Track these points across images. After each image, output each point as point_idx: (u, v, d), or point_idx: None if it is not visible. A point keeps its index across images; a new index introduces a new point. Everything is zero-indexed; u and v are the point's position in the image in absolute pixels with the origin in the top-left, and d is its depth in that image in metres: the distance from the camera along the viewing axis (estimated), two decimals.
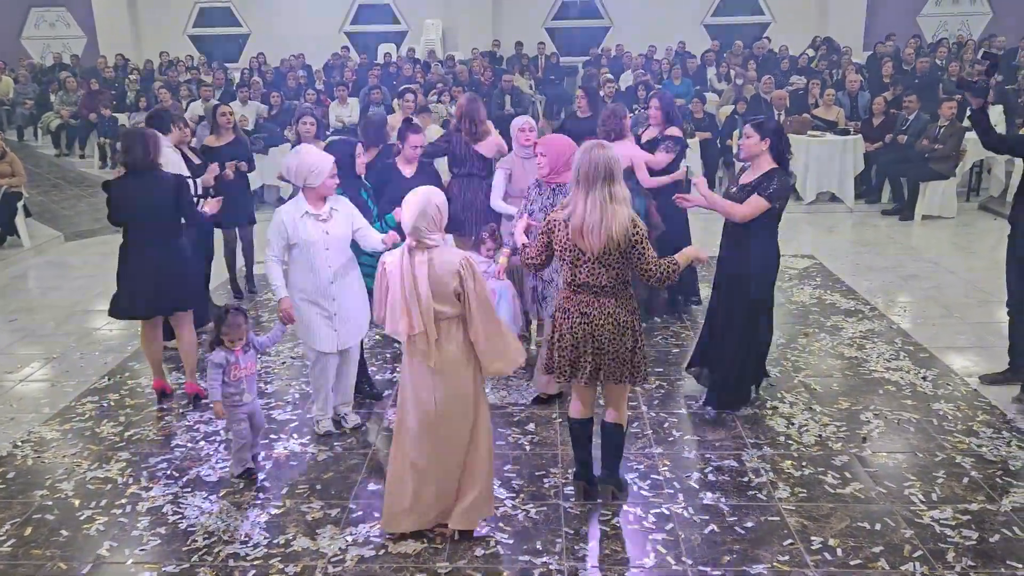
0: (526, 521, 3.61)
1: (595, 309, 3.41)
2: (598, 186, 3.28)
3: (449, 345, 3.28)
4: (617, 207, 3.28)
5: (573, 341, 3.46)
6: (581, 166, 3.32)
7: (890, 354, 5.39)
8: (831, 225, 9.28)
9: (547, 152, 4.48)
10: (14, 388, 5.28)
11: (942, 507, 3.65)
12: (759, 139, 4.26)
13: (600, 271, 3.35)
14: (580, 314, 3.43)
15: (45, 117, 13.84)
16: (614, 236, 3.27)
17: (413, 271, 3.21)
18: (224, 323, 3.89)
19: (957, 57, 13.38)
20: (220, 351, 3.91)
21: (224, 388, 3.91)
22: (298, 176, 4.07)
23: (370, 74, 13.20)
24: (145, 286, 4.66)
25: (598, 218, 3.26)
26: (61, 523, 3.70)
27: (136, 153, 4.56)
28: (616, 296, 3.42)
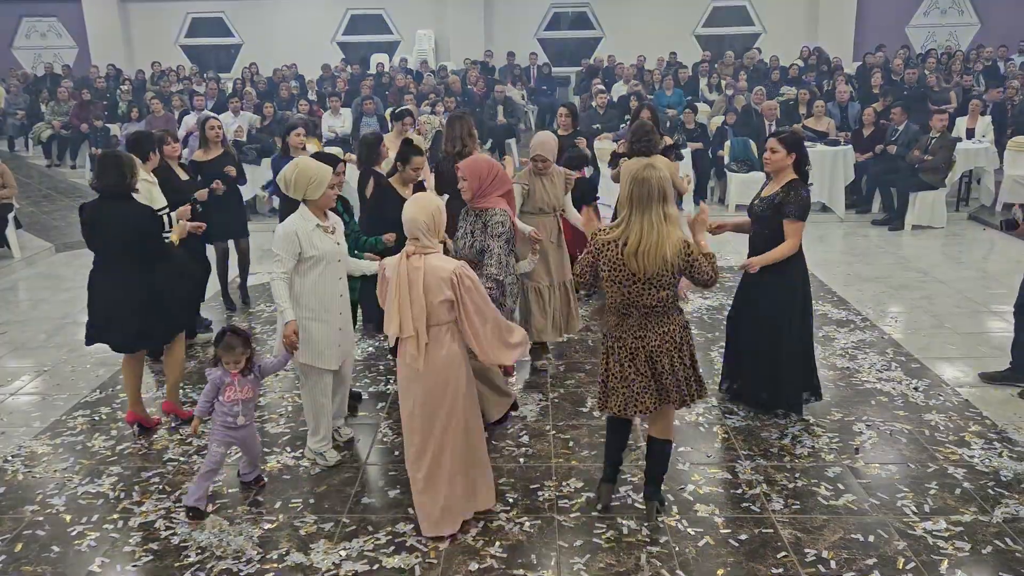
0: (520, 535, 3.60)
1: (649, 331, 3.38)
2: (652, 207, 3.25)
3: (439, 351, 3.35)
4: (671, 228, 3.27)
5: (634, 370, 3.41)
6: (634, 187, 3.27)
7: (882, 364, 5.42)
8: (822, 235, 9.33)
9: (468, 176, 4.26)
10: (4, 402, 5.25)
11: (935, 518, 3.66)
12: (785, 154, 4.30)
13: (653, 292, 3.31)
14: (635, 338, 3.40)
15: (36, 128, 13.81)
16: (669, 258, 3.25)
17: (408, 276, 3.28)
18: (220, 344, 3.80)
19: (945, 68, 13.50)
20: (218, 370, 3.81)
21: (217, 407, 3.81)
22: (297, 188, 3.97)
23: (363, 84, 13.22)
24: (121, 316, 4.38)
25: (655, 240, 3.23)
26: (52, 539, 3.67)
27: (110, 178, 4.33)
28: (668, 315, 3.40)
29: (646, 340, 3.39)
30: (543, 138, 5.32)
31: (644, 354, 3.40)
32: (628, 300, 3.35)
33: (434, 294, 3.29)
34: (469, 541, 3.55)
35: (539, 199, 5.27)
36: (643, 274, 3.28)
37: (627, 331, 3.41)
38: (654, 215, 3.25)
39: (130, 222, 4.33)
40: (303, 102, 12.37)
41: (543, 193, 5.27)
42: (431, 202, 3.42)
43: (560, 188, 5.35)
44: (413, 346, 3.32)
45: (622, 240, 3.31)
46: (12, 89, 15.20)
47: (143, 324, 4.42)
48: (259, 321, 6.66)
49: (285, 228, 3.95)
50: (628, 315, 3.40)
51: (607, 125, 11.52)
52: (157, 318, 4.48)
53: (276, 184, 6.78)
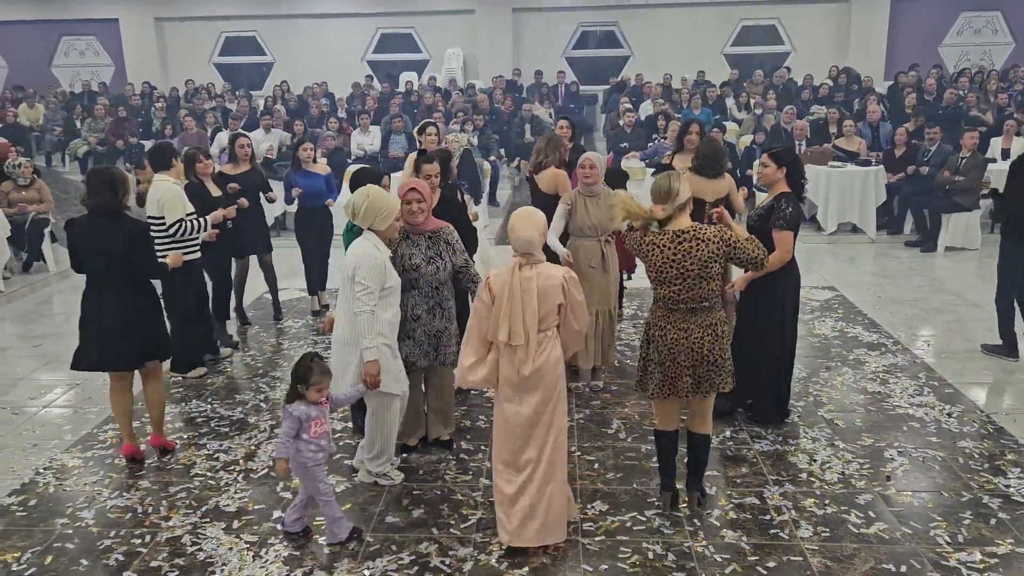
0: (544, 557, 3.57)
1: (693, 323, 3.60)
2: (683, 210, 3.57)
3: (543, 355, 3.49)
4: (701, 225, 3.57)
5: (672, 357, 3.61)
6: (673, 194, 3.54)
7: (914, 389, 5.33)
8: (852, 256, 9.22)
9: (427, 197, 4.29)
10: (37, 414, 5.33)
11: (969, 549, 3.58)
12: (776, 168, 4.54)
13: (700, 287, 3.55)
14: (678, 330, 3.60)
15: (73, 144, 14.10)
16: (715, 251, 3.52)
17: (521, 286, 3.43)
18: (313, 373, 3.56)
19: (980, 88, 13.34)
20: (302, 404, 3.58)
21: (303, 446, 3.59)
22: (366, 217, 3.90)
23: (392, 103, 13.35)
24: (107, 336, 4.31)
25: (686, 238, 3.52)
26: (81, 552, 3.71)
27: (102, 196, 4.26)
28: (712, 307, 3.62)
29: (689, 332, 3.60)
30: (589, 152, 5.32)
31: (687, 345, 3.59)
32: (675, 296, 3.57)
33: (549, 301, 3.46)
34: (493, 563, 3.53)
35: (580, 220, 5.08)
36: (678, 272, 3.52)
37: (672, 323, 3.62)
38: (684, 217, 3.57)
39: (119, 239, 4.23)
40: (333, 120, 12.51)
41: (584, 215, 5.07)
42: (539, 217, 3.56)
43: (606, 211, 5.00)
44: (523, 352, 3.46)
45: (670, 235, 3.56)
46: (50, 106, 15.55)
47: (118, 346, 4.33)
48: (287, 337, 6.71)
49: (373, 259, 3.83)
50: (675, 310, 3.61)
51: (635, 144, 11.53)
52: (142, 334, 4.37)
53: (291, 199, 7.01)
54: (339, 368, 3.97)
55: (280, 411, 5.14)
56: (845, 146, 10.39)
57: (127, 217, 4.38)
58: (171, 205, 5.36)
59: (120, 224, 4.30)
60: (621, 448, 4.58)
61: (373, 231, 3.95)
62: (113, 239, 4.24)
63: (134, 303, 4.36)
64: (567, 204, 5.15)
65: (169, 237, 5.37)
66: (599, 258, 5.14)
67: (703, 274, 3.52)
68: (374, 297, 3.82)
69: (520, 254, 3.49)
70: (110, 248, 4.25)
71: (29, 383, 5.88)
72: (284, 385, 5.62)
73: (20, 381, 5.94)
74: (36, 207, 8.94)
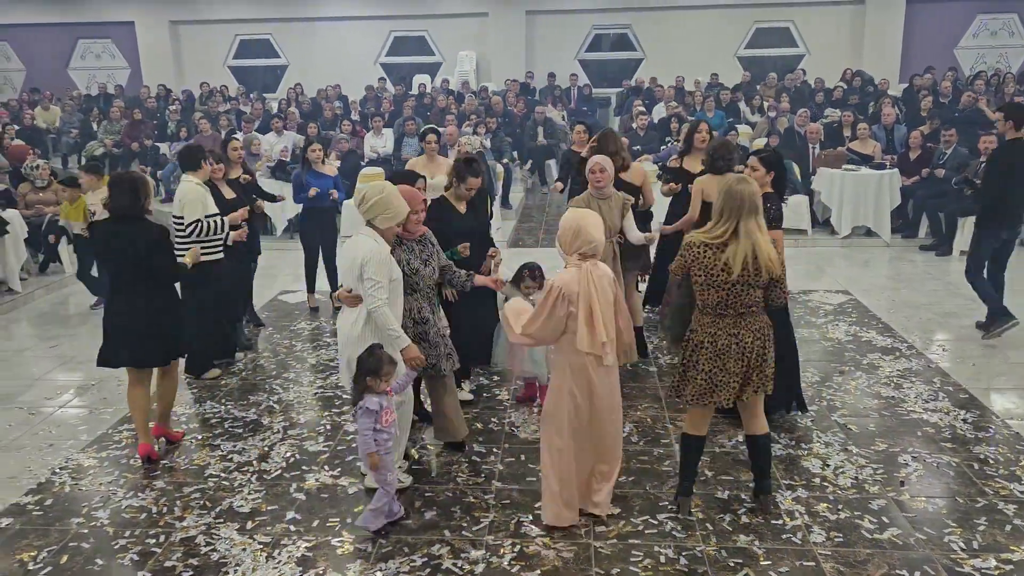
0: (556, 560, 3.58)
1: (742, 329, 3.61)
2: (745, 218, 3.50)
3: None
4: (766, 236, 3.56)
5: (722, 364, 3.63)
6: (730, 199, 3.51)
7: (928, 394, 5.30)
8: (867, 259, 9.17)
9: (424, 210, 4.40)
10: (53, 414, 5.38)
11: (984, 556, 3.55)
12: (765, 172, 4.67)
13: (752, 293, 3.57)
14: (729, 335, 3.60)
15: (89, 146, 14.23)
16: (763, 267, 3.51)
17: (599, 285, 3.57)
18: (383, 364, 3.64)
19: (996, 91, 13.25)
20: (373, 397, 3.65)
21: (377, 435, 3.67)
22: (372, 210, 3.89)
23: (405, 105, 13.40)
24: (126, 336, 4.46)
25: (751, 248, 3.49)
26: (96, 551, 3.74)
27: (123, 200, 4.39)
28: (760, 313, 3.67)
29: (739, 338, 3.60)
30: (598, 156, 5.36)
31: (737, 351, 3.60)
32: (724, 301, 3.57)
33: (609, 294, 3.65)
34: (505, 566, 3.54)
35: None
36: (745, 278, 3.51)
37: (721, 329, 3.62)
38: (751, 224, 3.50)
39: (140, 242, 4.36)
40: (346, 122, 12.56)
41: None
42: (598, 219, 3.70)
43: (617, 212, 5.26)
44: (609, 346, 3.61)
45: (716, 244, 3.54)
46: (67, 108, 15.70)
47: (144, 345, 4.47)
48: (300, 339, 6.74)
49: (378, 254, 3.83)
50: (724, 315, 3.61)
51: (647, 147, 11.51)
52: (157, 341, 4.51)
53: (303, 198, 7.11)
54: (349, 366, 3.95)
55: (294, 413, 5.19)
56: (859, 149, 10.33)
57: (147, 221, 4.49)
58: (191, 206, 5.44)
59: (140, 227, 4.42)
60: (633, 452, 4.57)
61: (372, 226, 3.94)
62: (134, 242, 4.37)
63: (155, 304, 4.47)
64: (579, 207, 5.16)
65: (186, 237, 5.42)
66: (611, 258, 5.23)
67: (751, 282, 3.53)
68: (385, 290, 3.82)
69: (588, 255, 3.60)
70: (131, 250, 4.37)
71: (45, 383, 5.94)
72: (297, 387, 5.65)
73: (37, 381, 5.99)
74: (53, 209, 9.01)
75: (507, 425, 4.96)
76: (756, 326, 3.62)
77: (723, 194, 3.55)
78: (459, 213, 5.09)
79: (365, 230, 3.95)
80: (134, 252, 4.37)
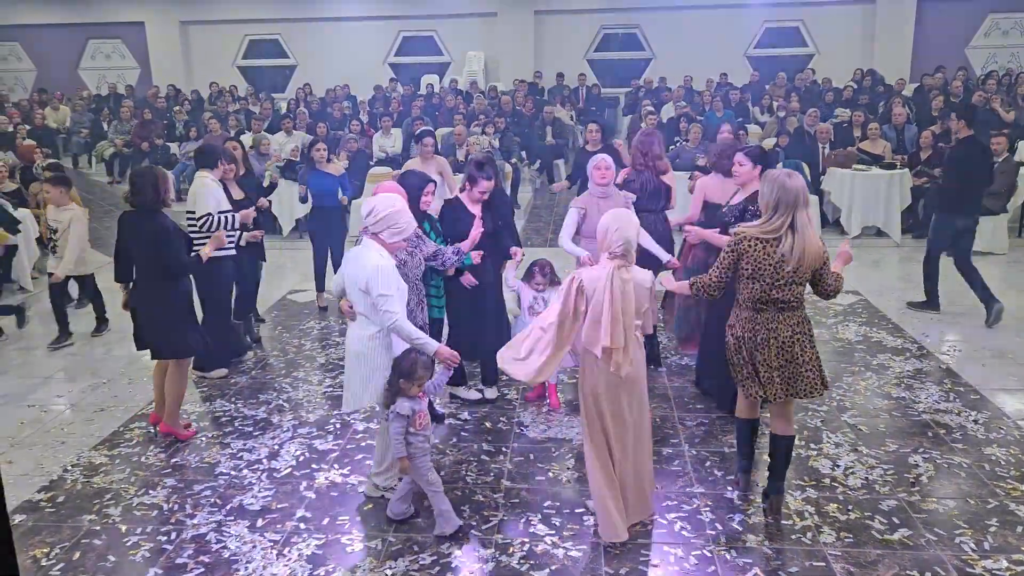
0: (565, 559, 3.58)
1: (780, 324, 3.64)
2: (799, 211, 3.56)
3: (636, 355, 3.59)
4: (814, 231, 3.64)
5: (763, 359, 3.66)
6: (782, 192, 3.56)
7: (939, 395, 5.27)
8: (877, 260, 9.14)
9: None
10: (64, 412, 5.41)
11: (995, 557, 3.54)
12: (752, 166, 4.73)
13: (795, 288, 3.61)
14: (767, 330, 3.65)
15: (99, 146, 14.31)
16: (811, 259, 3.57)
17: (622, 288, 3.48)
18: (418, 368, 3.61)
19: (1008, 90, 13.17)
20: (405, 401, 3.61)
21: (412, 439, 3.64)
22: (380, 224, 3.77)
23: (413, 105, 13.41)
24: (145, 325, 4.72)
25: (804, 240, 3.55)
26: (108, 548, 3.76)
27: (146, 194, 4.58)
28: (801, 308, 3.69)
29: (778, 332, 3.63)
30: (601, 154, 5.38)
31: (776, 345, 3.63)
32: (767, 296, 3.61)
33: (640, 303, 3.56)
34: (514, 564, 3.54)
35: (594, 223, 5.17)
36: (794, 272, 3.56)
37: (760, 324, 3.65)
38: (802, 217, 3.57)
39: (151, 235, 4.57)
40: (355, 122, 12.58)
41: (598, 217, 5.16)
42: (634, 219, 3.64)
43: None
44: (619, 355, 3.48)
45: (771, 239, 3.58)
46: (77, 108, 15.78)
47: (155, 336, 4.71)
48: (309, 338, 6.76)
49: (386, 267, 3.71)
50: (763, 310, 3.65)
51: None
52: (166, 335, 4.71)
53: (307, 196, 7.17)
54: (356, 382, 3.86)
55: (303, 412, 5.21)
56: (870, 149, 10.29)
57: (160, 214, 4.69)
58: (202, 199, 5.50)
59: (152, 220, 4.62)
60: None
61: (377, 238, 3.81)
62: (148, 235, 4.60)
63: (167, 299, 4.67)
64: (580, 208, 5.25)
65: (199, 231, 5.47)
66: None
67: (796, 278, 3.58)
68: (398, 303, 3.70)
69: (619, 256, 3.52)
70: (145, 243, 4.61)
71: (57, 382, 5.97)
72: (306, 385, 5.67)
73: (48, 380, 6.03)
74: None
75: (516, 425, 4.97)
76: (793, 321, 3.64)
77: (777, 188, 3.57)
78: (473, 215, 5.07)
79: (368, 242, 3.82)
80: (147, 244, 4.59)
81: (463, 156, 10.48)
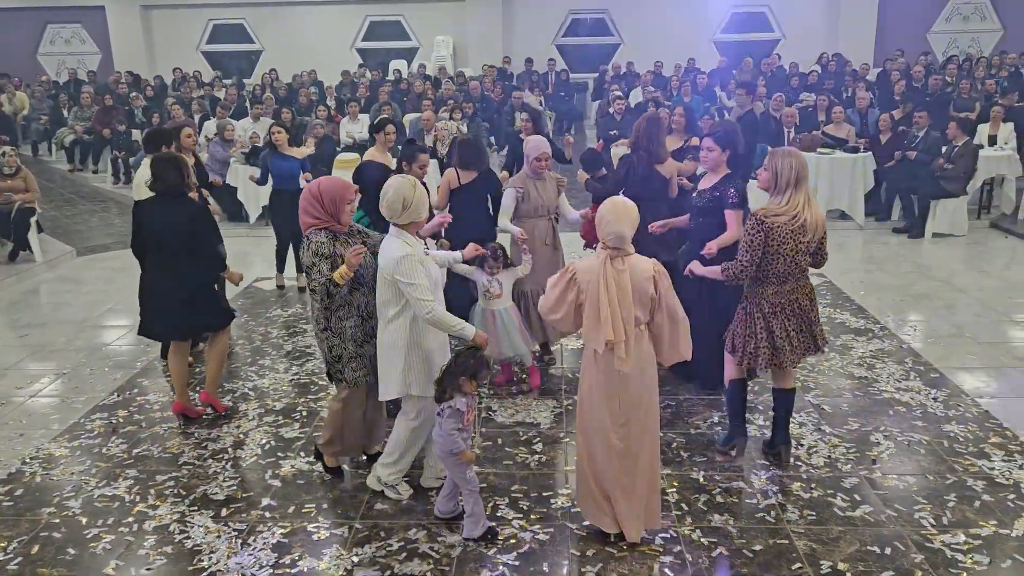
0: (533, 543, 3.59)
1: (799, 293, 3.97)
2: (805, 185, 3.87)
3: (638, 350, 3.39)
4: (815, 201, 3.94)
5: (783, 327, 3.95)
6: (791, 170, 3.82)
7: (900, 374, 5.36)
8: (841, 242, 9.24)
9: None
10: (24, 404, 5.30)
11: (953, 531, 3.61)
12: (720, 151, 4.79)
13: (807, 258, 3.94)
14: (790, 301, 3.95)
15: (59, 133, 13.99)
16: (824, 223, 3.95)
17: (617, 280, 3.32)
18: (482, 368, 3.50)
19: (968, 75, 13.37)
20: (462, 397, 3.50)
21: (457, 435, 3.52)
22: (391, 209, 3.62)
23: (381, 91, 13.28)
24: (167, 309, 4.66)
25: (814, 211, 3.88)
26: (68, 541, 3.70)
27: (170, 178, 4.60)
28: (807, 275, 4.02)
29: (799, 302, 3.97)
30: (537, 141, 5.38)
31: (795, 310, 3.96)
32: (790, 269, 3.89)
33: (640, 294, 3.35)
34: (481, 549, 3.54)
35: (534, 202, 5.36)
36: (810, 242, 3.88)
37: (783, 295, 3.95)
38: (808, 191, 3.90)
39: (183, 217, 4.59)
40: (321, 108, 12.44)
41: (537, 197, 5.35)
42: (630, 209, 3.40)
43: (553, 191, 5.43)
44: (621, 350, 3.33)
45: (791, 215, 3.83)
46: (36, 95, 15.41)
47: (193, 315, 4.73)
48: (275, 325, 6.70)
49: (411, 257, 3.57)
50: (786, 281, 3.93)
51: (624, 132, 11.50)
52: (206, 309, 4.80)
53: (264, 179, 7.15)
54: (381, 374, 3.79)
55: (269, 400, 5.16)
56: (834, 133, 10.39)
57: (189, 198, 4.78)
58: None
59: (184, 204, 4.68)
60: None
61: (403, 225, 3.67)
62: (177, 218, 4.59)
63: (194, 279, 4.70)
64: (518, 189, 5.33)
65: None
66: (551, 235, 5.47)
67: (811, 248, 3.92)
68: (429, 292, 3.58)
69: (611, 247, 3.36)
70: (175, 226, 4.58)
71: (16, 373, 5.85)
72: (273, 374, 5.62)
73: (7, 371, 5.90)
74: (22, 196, 8.86)
75: (484, 409, 4.96)
76: (808, 288, 4.01)
77: (796, 165, 3.82)
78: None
79: (395, 230, 3.67)
80: (177, 227, 4.57)
81: (431, 141, 10.41)
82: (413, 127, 11.36)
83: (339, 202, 3.81)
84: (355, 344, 3.91)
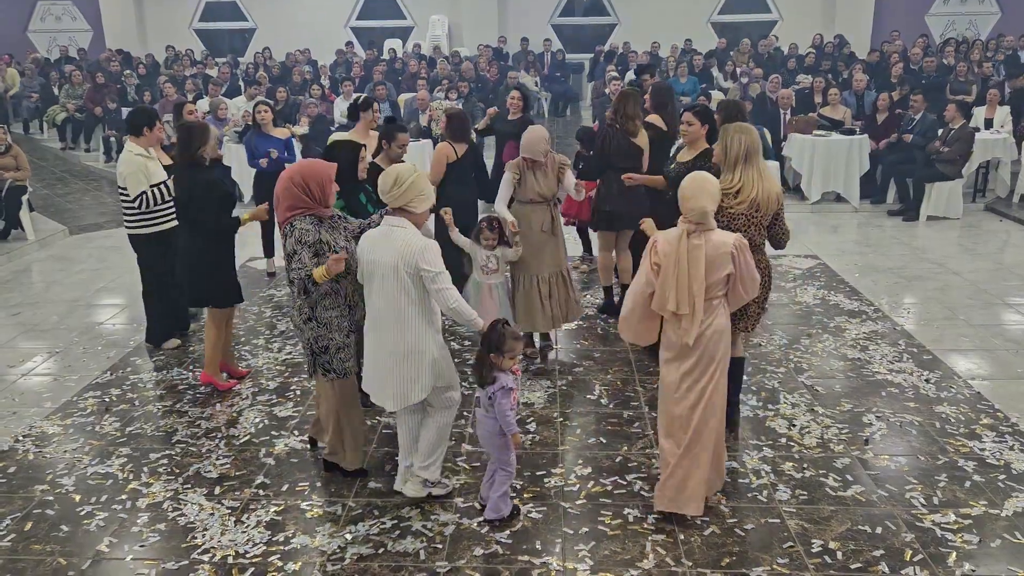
0: (526, 521, 3.60)
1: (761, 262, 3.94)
2: (757, 159, 3.83)
3: (710, 325, 3.43)
4: (768, 174, 3.90)
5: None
6: (740, 145, 3.80)
7: (893, 356, 5.37)
8: (836, 225, 9.25)
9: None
10: (16, 382, 5.29)
11: (944, 511, 3.63)
12: (700, 125, 4.83)
13: (760, 232, 3.89)
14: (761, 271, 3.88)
15: (51, 111, 13.86)
16: (775, 199, 3.85)
17: (690, 254, 3.34)
18: (506, 340, 3.36)
19: (965, 57, 13.33)
20: (505, 375, 3.40)
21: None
22: (407, 194, 3.43)
23: (375, 70, 13.19)
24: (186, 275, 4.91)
25: (767, 185, 3.82)
26: (61, 518, 3.70)
27: (180, 147, 4.77)
28: (762, 250, 3.98)
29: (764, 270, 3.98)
30: (532, 137, 5.10)
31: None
32: (753, 242, 3.80)
33: (718, 270, 3.37)
34: (475, 527, 3.56)
35: (530, 189, 5.12)
36: (763, 218, 3.85)
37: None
38: (760, 165, 3.86)
39: (185, 188, 4.71)
40: (315, 87, 12.34)
41: (534, 183, 5.11)
42: (711, 184, 3.41)
43: (553, 179, 5.17)
44: (688, 322, 3.39)
45: (736, 191, 3.80)
46: (27, 72, 15.26)
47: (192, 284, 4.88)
48: (269, 305, 6.68)
49: (433, 243, 3.45)
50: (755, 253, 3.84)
51: None
52: (196, 283, 4.86)
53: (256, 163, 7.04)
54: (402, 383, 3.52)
55: (263, 379, 5.15)
56: (830, 115, 10.35)
57: (197, 170, 4.76)
58: (133, 178, 5.28)
59: (190, 174, 4.74)
60: (603, 414, 4.60)
61: (405, 213, 3.49)
62: (182, 188, 4.75)
63: (195, 250, 4.80)
64: (515, 174, 5.14)
65: (136, 211, 5.31)
66: (549, 222, 5.22)
67: (760, 223, 3.90)
68: (447, 277, 3.44)
69: (691, 220, 3.35)
70: (179, 195, 4.78)
71: (9, 351, 5.83)
72: (267, 353, 5.61)
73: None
74: (13, 174, 8.80)
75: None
76: (763, 264, 3.97)
77: (746, 141, 3.79)
78: None
79: (396, 220, 3.48)
80: (180, 197, 4.76)
81: (426, 121, 10.35)
82: (408, 107, 11.28)
83: (326, 183, 3.66)
84: (341, 334, 3.76)
